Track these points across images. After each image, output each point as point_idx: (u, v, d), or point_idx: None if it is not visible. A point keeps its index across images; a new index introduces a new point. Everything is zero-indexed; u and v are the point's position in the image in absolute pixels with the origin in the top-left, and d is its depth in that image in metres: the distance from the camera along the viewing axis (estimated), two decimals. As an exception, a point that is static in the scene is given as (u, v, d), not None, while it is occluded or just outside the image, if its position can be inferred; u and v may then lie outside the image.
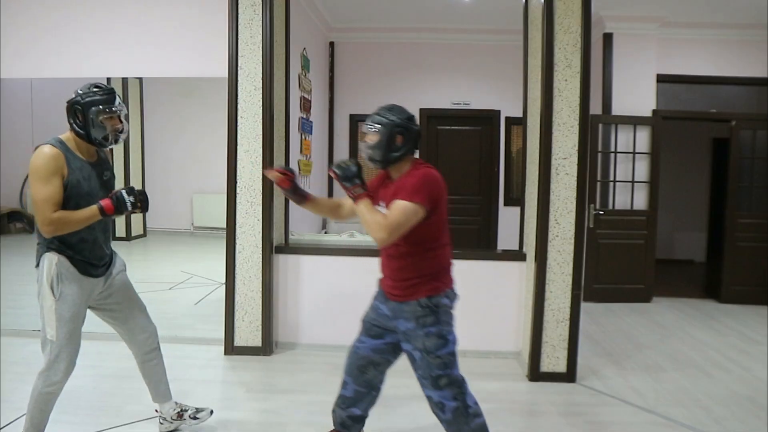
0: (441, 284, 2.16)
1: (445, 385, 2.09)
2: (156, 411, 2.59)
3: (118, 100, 2.22)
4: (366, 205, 2.03)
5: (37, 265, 2.17)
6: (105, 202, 2.10)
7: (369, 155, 2.11)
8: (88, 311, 2.32)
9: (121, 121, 2.24)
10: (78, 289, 2.17)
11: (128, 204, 2.11)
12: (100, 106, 2.15)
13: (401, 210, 1.96)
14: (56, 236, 2.10)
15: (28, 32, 3.78)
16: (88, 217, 2.09)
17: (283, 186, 2.22)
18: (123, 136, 2.25)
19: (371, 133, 2.09)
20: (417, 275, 2.11)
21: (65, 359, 2.16)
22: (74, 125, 2.16)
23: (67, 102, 2.18)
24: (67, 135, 2.18)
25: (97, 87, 2.20)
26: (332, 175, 2.09)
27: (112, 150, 7.15)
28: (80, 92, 2.18)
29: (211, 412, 2.64)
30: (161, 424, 2.56)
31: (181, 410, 2.56)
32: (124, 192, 2.12)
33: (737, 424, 2.79)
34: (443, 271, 2.19)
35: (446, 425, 2.13)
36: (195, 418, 2.57)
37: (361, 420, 2.36)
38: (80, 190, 2.12)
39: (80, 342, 2.25)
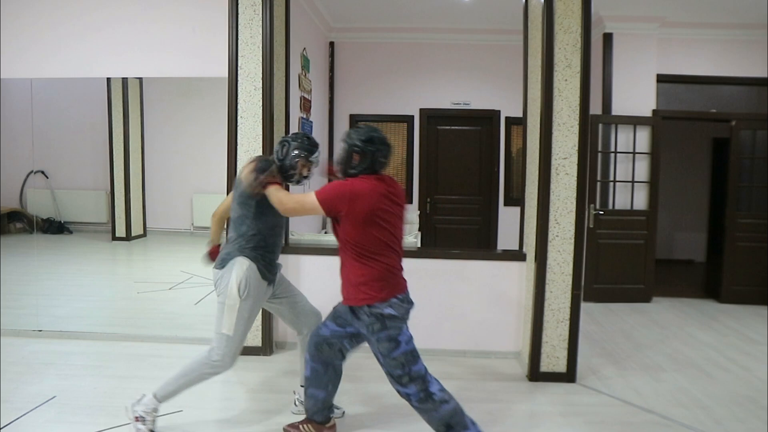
0: (377, 293, 2.23)
1: (407, 382, 2.24)
2: (294, 392, 2.87)
3: (316, 153, 2.58)
4: (272, 190, 2.35)
5: (223, 266, 2.48)
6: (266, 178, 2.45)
7: (336, 168, 2.38)
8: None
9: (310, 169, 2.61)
10: (258, 293, 2.49)
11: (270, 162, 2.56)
12: (302, 154, 2.55)
13: (304, 196, 2.26)
14: (252, 242, 2.47)
15: (28, 32, 3.78)
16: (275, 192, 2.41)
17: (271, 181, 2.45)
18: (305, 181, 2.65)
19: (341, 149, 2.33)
20: (351, 279, 2.27)
21: (233, 354, 2.48)
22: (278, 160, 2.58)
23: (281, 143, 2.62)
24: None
25: (307, 138, 2.59)
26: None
27: (111, 151, 7.16)
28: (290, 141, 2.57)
29: (343, 413, 2.79)
30: (295, 406, 2.81)
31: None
32: (263, 162, 2.53)
33: (737, 424, 2.79)
34: (375, 281, 2.24)
35: (419, 413, 2.30)
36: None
37: (328, 406, 2.53)
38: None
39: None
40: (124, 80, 7.42)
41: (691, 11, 5.31)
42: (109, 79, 6.06)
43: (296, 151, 2.51)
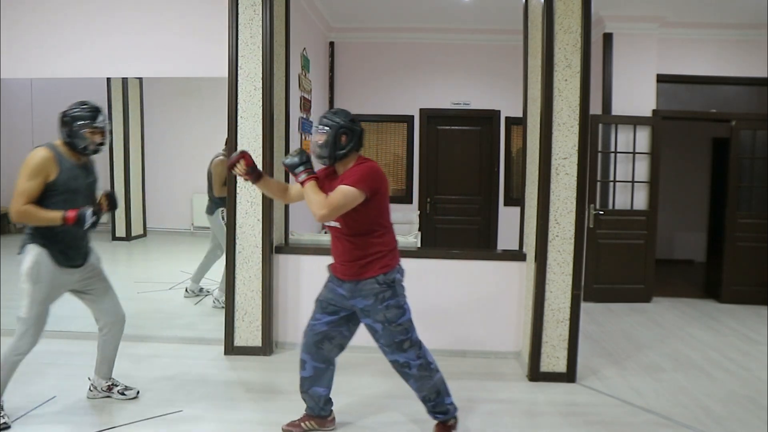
0: (392, 261, 2.42)
1: (408, 347, 2.42)
2: (89, 379, 2.94)
3: (101, 117, 2.59)
4: (311, 186, 2.32)
5: (20, 252, 2.57)
6: (70, 213, 2.45)
7: (318, 153, 2.37)
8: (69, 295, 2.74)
9: (103, 135, 2.60)
10: (51, 278, 2.54)
11: (87, 223, 2.49)
12: (84, 121, 2.54)
13: (343, 193, 2.24)
14: (40, 228, 2.50)
15: (28, 33, 3.78)
16: (49, 219, 2.45)
17: (248, 177, 2.46)
18: (102, 148, 2.62)
19: (319, 134, 2.35)
20: (366, 255, 2.36)
21: (32, 335, 2.56)
22: (63, 135, 2.56)
23: (59, 114, 2.58)
24: (58, 141, 2.58)
25: (84, 104, 2.60)
26: (284, 166, 2.40)
27: (111, 151, 7.16)
28: (70, 107, 2.58)
29: (138, 393, 2.93)
30: (90, 391, 2.91)
31: (113, 384, 2.90)
32: (88, 212, 2.48)
33: (737, 424, 2.79)
34: (390, 251, 2.43)
35: (414, 382, 2.46)
36: (123, 394, 2.89)
37: (327, 400, 2.60)
38: (68, 186, 2.51)
39: (46, 322, 2.62)
40: (124, 80, 7.43)
41: (691, 11, 5.31)
42: (109, 80, 6.06)
43: (78, 123, 2.51)
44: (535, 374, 3.32)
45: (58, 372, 3.24)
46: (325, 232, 6.11)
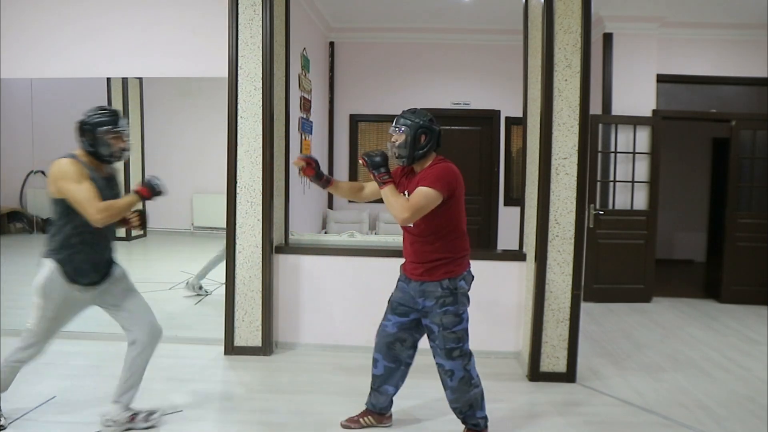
0: (458, 268, 2.40)
1: (458, 356, 2.42)
2: (102, 416, 2.60)
3: (122, 121, 2.47)
4: (391, 190, 2.31)
5: (39, 264, 2.43)
6: (141, 189, 2.41)
7: (397, 153, 2.38)
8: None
9: (125, 140, 2.47)
10: (63, 296, 2.42)
11: (158, 187, 2.45)
12: (107, 126, 2.40)
13: (423, 194, 2.24)
14: (60, 243, 2.38)
15: (28, 33, 3.78)
16: (129, 203, 2.39)
17: (307, 174, 2.55)
18: (126, 154, 2.50)
19: (398, 134, 2.36)
20: (436, 258, 2.37)
21: (36, 348, 2.51)
22: (84, 144, 2.41)
23: (77, 123, 2.42)
24: (79, 152, 2.43)
25: (103, 109, 2.46)
26: (362, 163, 2.39)
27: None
28: (88, 114, 2.42)
29: (162, 414, 2.70)
30: (107, 427, 2.57)
31: (134, 414, 2.59)
32: (153, 180, 2.45)
33: (737, 424, 2.79)
34: (460, 257, 2.41)
35: (450, 391, 2.46)
36: (148, 420, 2.61)
37: (391, 401, 2.66)
38: None
39: (53, 339, 2.55)
40: (124, 80, 7.41)
41: (691, 11, 5.31)
42: (109, 80, 6.05)
43: (101, 129, 2.37)
44: (535, 374, 3.32)
45: (58, 372, 3.23)
46: (325, 232, 6.11)
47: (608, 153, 5.44)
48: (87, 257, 2.43)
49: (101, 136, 2.38)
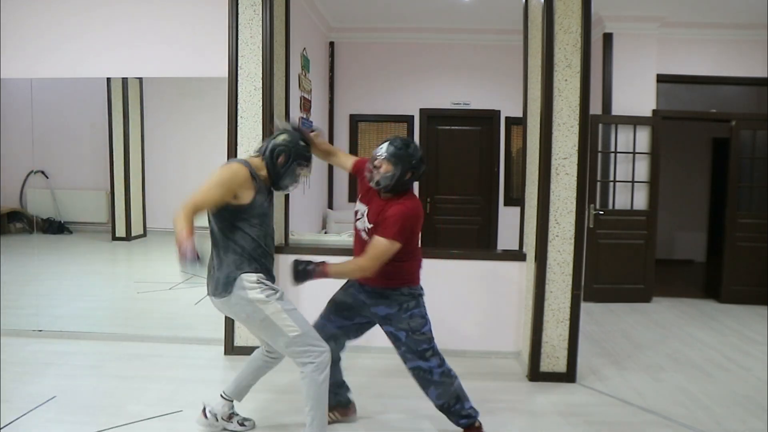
0: (411, 279, 2.50)
1: (431, 355, 2.47)
2: (205, 405, 2.61)
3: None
4: (336, 270, 2.32)
5: (226, 291, 2.26)
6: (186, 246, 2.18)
7: (378, 181, 2.33)
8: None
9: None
10: (276, 287, 2.35)
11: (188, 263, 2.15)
12: (304, 162, 2.37)
13: (382, 248, 2.26)
14: (242, 257, 2.26)
15: (28, 32, 3.78)
16: (178, 230, 2.21)
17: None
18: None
19: (386, 163, 2.31)
20: (394, 278, 2.42)
21: (317, 338, 2.31)
22: (270, 164, 2.32)
23: (274, 143, 2.34)
24: (255, 161, 2.34)
25: (304, 142, 2.40)
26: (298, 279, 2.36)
27: (111, 151, 7.16)
28: (289, 140, 2.34)
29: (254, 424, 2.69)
30: (206, 418, 2.58)
31: (233, 413, 2.62)
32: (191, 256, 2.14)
33: (737, 424, 2.79)
34: (415, 273, 2.52)
35: (434, 389, 2.48)
36: (243, 425, 2.63)
37: (341, 384, 2.69)
38: (262, 209, 2.32)
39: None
40: (124, 80, 7.40)
41: (691, 11, 5.31)
42: (109, 79, 6.06)
43: (298, 162, 2.33)
44: (535, 374, 3.32)
45: (58, 372, 3.23)
46: (325, 232, 6.10)
47: (608, 153, 5.44)
48: (267, 259, 2.40)
49: (295, 167, 2.34)
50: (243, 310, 2.27)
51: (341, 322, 2.54)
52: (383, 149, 2.33)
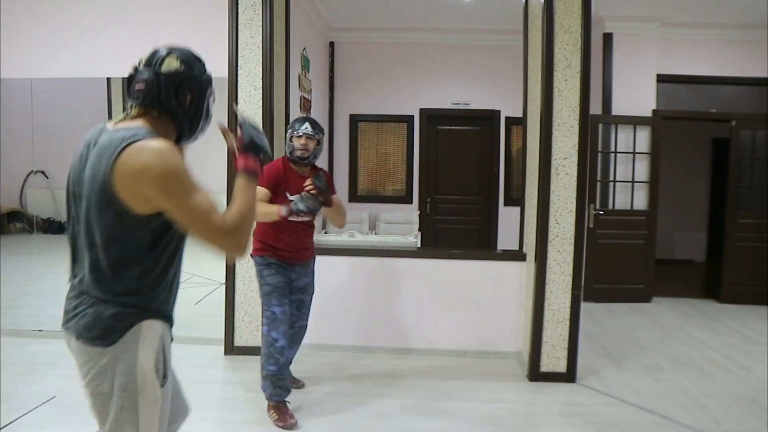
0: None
1: (308, 314, 2.96)
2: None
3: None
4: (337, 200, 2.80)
5: (108, 341, 1.39)
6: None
7: (310, 155, 2.71)
8: None
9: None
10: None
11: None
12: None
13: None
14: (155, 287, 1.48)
15: (28, 33, 3.78)
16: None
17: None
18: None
19: (313, 140, 2.72)
20: (312, 247, 2.92)
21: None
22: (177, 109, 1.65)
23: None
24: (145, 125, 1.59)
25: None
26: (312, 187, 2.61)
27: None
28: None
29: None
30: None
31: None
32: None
33: (737, 424, 2.79)
34: None
35: (298, 345, 2.97)
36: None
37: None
38: None
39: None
40: (124, 80, 7.43)
41: (691, 11, 5.31)
42: (109, 80, 6.04)
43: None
44: (535, 374, 3.32)
45: (58, 372, 3.23)
46: (326, 232, 6.10)
47: (608, 153, 5.44)
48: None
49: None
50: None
51: (287, 300, 2.76)
52: (308, 128, 2.68)
